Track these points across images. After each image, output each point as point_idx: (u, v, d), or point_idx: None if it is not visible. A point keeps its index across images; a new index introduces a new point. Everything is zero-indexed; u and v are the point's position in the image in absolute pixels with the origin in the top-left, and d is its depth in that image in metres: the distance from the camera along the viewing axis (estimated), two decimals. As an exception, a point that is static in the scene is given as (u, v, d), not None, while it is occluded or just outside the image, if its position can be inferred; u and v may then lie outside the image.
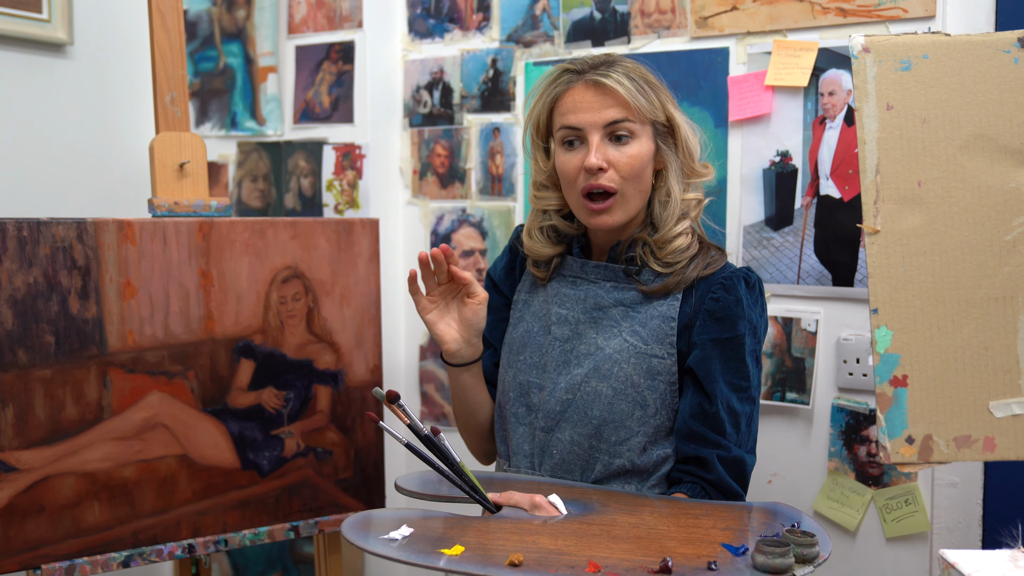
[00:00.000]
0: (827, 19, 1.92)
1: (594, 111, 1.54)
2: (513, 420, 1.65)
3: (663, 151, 1.59)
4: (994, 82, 1.22)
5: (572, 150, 1.57)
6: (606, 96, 1.54)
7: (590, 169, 1.53)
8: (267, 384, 1.87)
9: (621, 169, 1.54)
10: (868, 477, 1.93)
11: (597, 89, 1.55)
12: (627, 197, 1.56)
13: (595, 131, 1.54)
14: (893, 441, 1.19)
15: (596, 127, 1.54)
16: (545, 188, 1.67)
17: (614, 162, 1.54)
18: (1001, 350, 1.19)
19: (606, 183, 1.54)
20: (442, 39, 2.43)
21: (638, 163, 1.55)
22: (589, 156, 1.53)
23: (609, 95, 1.54)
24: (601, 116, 1.54)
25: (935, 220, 1.21)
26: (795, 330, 1.98)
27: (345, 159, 2.45)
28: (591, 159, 1.52)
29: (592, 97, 1.55)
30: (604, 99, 1.54)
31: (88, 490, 1.69)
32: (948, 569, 1.06)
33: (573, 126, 1.56)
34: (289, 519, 1.89)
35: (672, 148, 1.60)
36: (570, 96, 1.57)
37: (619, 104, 1.54)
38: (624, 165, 1.54)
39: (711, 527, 1.36)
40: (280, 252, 1.87)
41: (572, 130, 1.56)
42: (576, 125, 1.55)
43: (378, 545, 1.26)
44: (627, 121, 1.54)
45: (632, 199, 1.57)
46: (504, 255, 1.80)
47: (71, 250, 1.67)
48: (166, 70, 1.87)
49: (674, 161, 1.60)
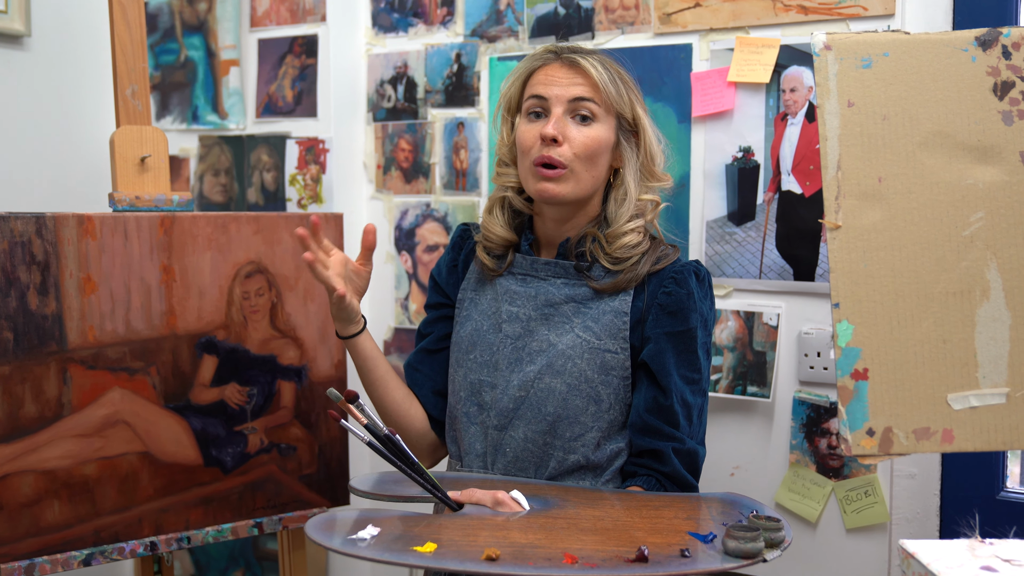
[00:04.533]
0: (789, 16, 1.94)
1: (562, 86, 1.57)
2: (464, 419, 1.65)
3: (623, 148, 1.61)
4: (952, 80, 1.24)
5: (534, 122, 1.59)
6: (577, 75, 1.58)
7: (545, 137, 1.55)
8: (230, 380, 1.85)
9: (576, 146, 1.55)
10: (828, 469, 1.96)
11: (571, 67, 1.59)
12: (577, 174, 1.57)
13: (559, 104, 1.57)
14: (854, 433, 1.21)
15: (561, 100, 1.57)
16: (506, 165, 1.69)
17: (570, 138, 1.55)
18: (959, 344, 1.21)
19: (557, 156, 1.55)
20: (406, 33, 2.42)
21: (594, 144, 1.56)
22: (547, 126, 1.55)
23: (580, 74, 1.58)
24: (567, 91, 1.57)
25: (895, 216, 1.23)
26: (757, 324, 2.00)
27: (308, 153, 2.43)
28: (548, 128, 1.55)
29: (564, 73, 1.58)
30: (574, 77, 1.58)
31: (48, 488, 1.67)
32: (908, 559, 1.08)
33: (540, 95, 1.58)
34: (253, 516, 1.88)
35: (634, 148, 1.62)
36: (544, 71, 1.61)
37: (588, 84, 1.57)
38: (579, 143, 1.55)
39: (673, 517, 1.37)
40: (243, 247, 1.85)
41: (538, 99, 1.59)
42: (543, 95, 1.58)
43: (346, 545, 1.26)
44: (591, 102, 1.57)
45: (583, 179, 1.57)
46: (446, 253, 1.80)
47: (30, 245, 1.65)
48: (127, 63, 1.85)
49: (633, 160, 1.61)
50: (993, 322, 1.21)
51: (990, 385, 1.21)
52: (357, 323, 1.67)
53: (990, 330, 1.21)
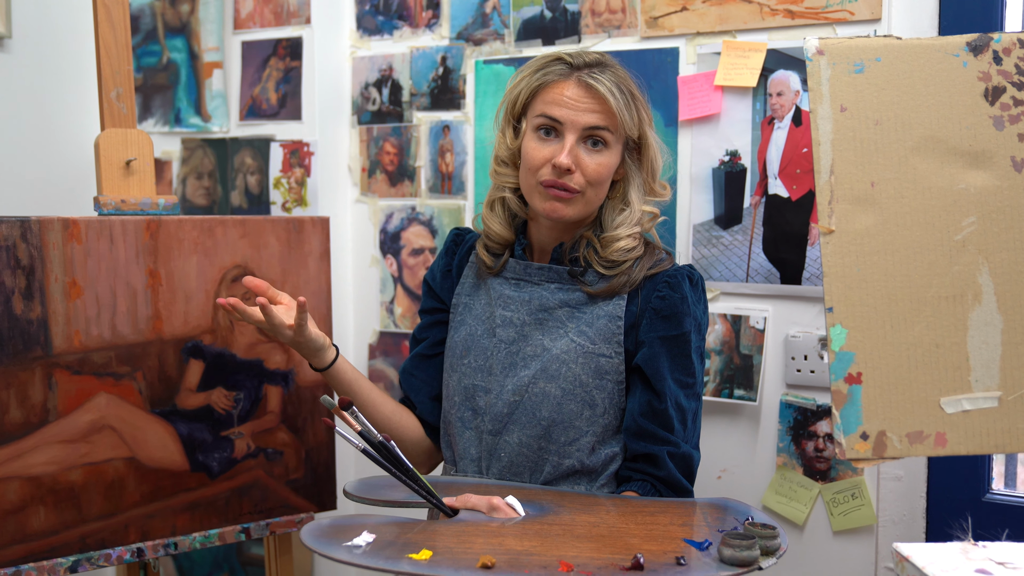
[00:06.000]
0: (776, 20, 1.95)
1: (578, 111, 1.54)
2: (459, 425, 1.64)
3: (627, 164, 1.61)
4: (944, 85, 1.25)
5: (544, 140, 1.57)
6: (593, 100, 1.55)
7: (559, 167, 1.53)
8: (217, 384, 1.84)
9: (589, 174, 1.55)
10: (815, 472, 1.96)
11: (587, 91, 1.55)
12: (587, 197, 1.57)
13: (573, 131, 1.54)
14: (848, 437, 1.21)
15: (575, 128, 1.54)
16: (506, 165, 1.67)
17: (583, 166, 1.54)
18: (951, 347, 1.22)
19: (572, 184, 1.54)
20: (391, 36, 2.41)
21: (605, 172, 1.56)
22: (561, 155, 1.53)
23: (596, 99, 1.55)
24: (583, 118, 1.54)
25: (888, 220, 1.24)
26: (743, 328, 2.00)
27: (293, 156, 2.42)
28: (562, 159, 1.53)
29: (580, 96, 1.55)
30: (591, 102, 1.55)
31: (33, 494, 1.66)
32: (902, 562, 1.09)
33: (554, 118, 1.55)
34: (240, 521, 1.86)
35: (636, 164, 1.62)
36: (558, 88, 1.56)
37: (604, 112, 1.55)
38: (592, 171, 1.55)
39: (668, 523, 1.37)
40: (229, 251, 1.84)
41: (551, 120, 1.56)
42: (558, 119, 1.55)
43: (342, 552, 1.25)
44: (606, 130, 1.55)
45: (592, 201, 1.59)
46: (440, 258, 1.79)
47: (15, 249, 1.63)
48: (111, 65, 1.83)
49: (636, 176, 1.62)
50: (985, 326, 1.22)
51: (982, 388, 1.21)
52: (328, 348, 1.66)
53: (982, 334, 1.22)
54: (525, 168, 1.59)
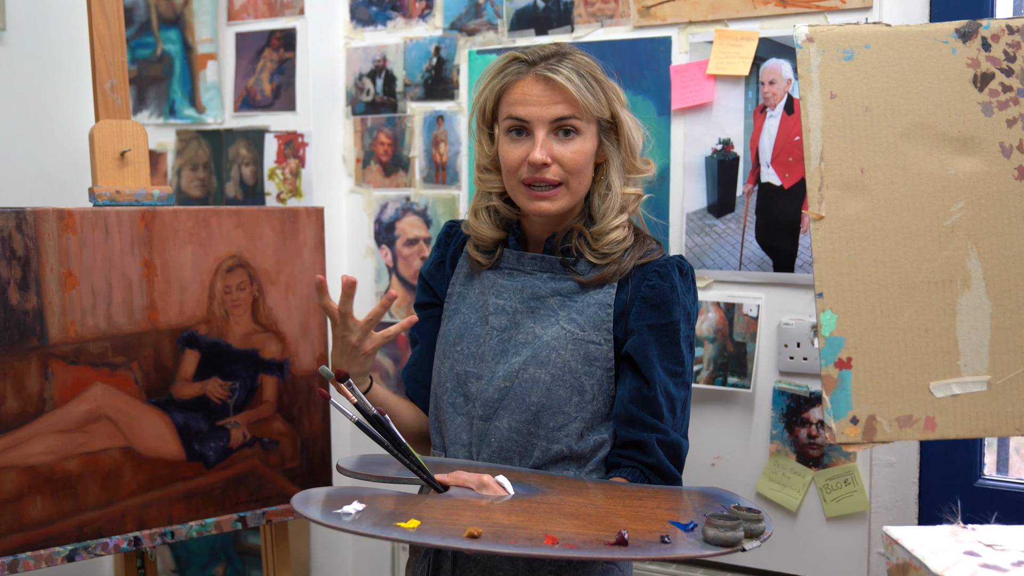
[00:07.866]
0: (768, 9, 1.95)
1: (542, 106, 1.55)
2: (450, 410, 1.65)
3: (605, 147, 1.62)
4: (933, 72, 1.26)
5: (516, 140, 1.58)
6: (555, 92, 1.55)
7: (534, 164, 1.54)
8: (212, 374, 1.85)
9: (565, 164, 1.56)
10: (808, 458, 1.98)
11: (546, 84, 1.55)
12: (570, 187, 1.58)
13: (541, 126, 1.55)
14: (838, 422, 1.22)
15: (543, 122, 1.55)
16: (488, 171, 1.68)
17: (558, 157, 1.55)
18: (941, 332, 1.23)
19: (550, 177, 1.55)
20: (385, 27, 2.42)
21: (582, 159, 1.57)
22: (534, 151, 1.54)
23: (558, 91, 1.55)
24: (548, 112, 1.55)
25: (877, 206, 1.25)
26: (737, 315, 2.01)
27: (287, 147, 2.43)
28: (536, 154, 1.54)
29: (540, 91, 1.56)
30: (553, 94, 1.55)
31: (30, 484, 1.66)
32: (891, 545, 1.09)
33: (520, 118, 1.57)
34: (236, 510, 1.87)
35: (614, 144, 1.62)
36: (519, 88, 1.57)
37: (567, 101, 1.55)
38: (568, 160, 1.56)
39: (655, 507, 1.39)
40: (224, 241, 1.84)
41: (518, 120, 1.57)
42: (524, 117, 1.56)
43: (330, 518, 1.26)
44: (573, 118, 1.56)
45: (576, 190, 1.59)
46: (433, 252, 1.80)
47: (10, 240, 1.64)
48: (105, 56, 1.84)
49: (615, 157, 1.62)
50: (974, 311, 1.23)
51: (971, 373, 1.23)
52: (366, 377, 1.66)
53: (971, 318, 1.23)
54: (506, 172, 1.61)
